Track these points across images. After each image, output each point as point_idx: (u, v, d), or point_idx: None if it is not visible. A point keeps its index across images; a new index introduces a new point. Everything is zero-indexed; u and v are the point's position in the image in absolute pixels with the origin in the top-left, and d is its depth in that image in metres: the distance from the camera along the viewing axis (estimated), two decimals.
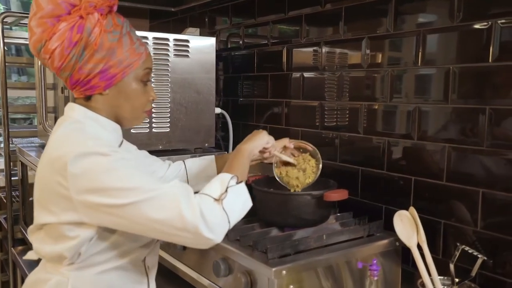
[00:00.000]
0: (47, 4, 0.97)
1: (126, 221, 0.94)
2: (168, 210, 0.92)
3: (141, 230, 0.97)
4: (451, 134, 1.35)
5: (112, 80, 1.02)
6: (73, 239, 0.98)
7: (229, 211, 0.98)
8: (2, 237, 2.65)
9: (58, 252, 1.00)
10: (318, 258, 1.23)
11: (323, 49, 1.76)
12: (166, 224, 0.92)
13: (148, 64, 1.08)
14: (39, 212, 1.02)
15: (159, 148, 1.93)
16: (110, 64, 1.01)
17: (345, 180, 1.65)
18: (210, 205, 0.96)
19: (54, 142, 1.01)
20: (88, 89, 1.03)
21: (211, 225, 0.93)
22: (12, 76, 4.83)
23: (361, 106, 1.62)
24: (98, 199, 0.92)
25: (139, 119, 1.12)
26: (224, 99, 2.33)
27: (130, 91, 1.05)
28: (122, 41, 1.02)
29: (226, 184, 1.01)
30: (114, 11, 1.04)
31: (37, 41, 0.99)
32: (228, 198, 0.99)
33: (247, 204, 1.06)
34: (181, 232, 0.93)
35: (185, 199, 0.93)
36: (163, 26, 2.85)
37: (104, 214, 0.94)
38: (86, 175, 0.93)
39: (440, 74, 1.38)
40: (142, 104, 1.09)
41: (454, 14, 1.33)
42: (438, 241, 1.39)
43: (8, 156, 2.30)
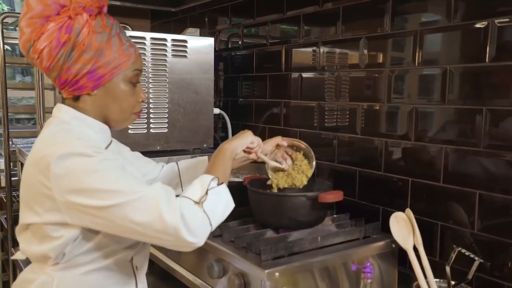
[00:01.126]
0: (36, 5, 0.97)
1: (108, 222, 0.94)
2: (149, 213, 0.91)
3: (123, 232, 0.96)
4: (449, 135, 1.34)
5: (100, 81, 1.02)
6: (57, 239, 0.98)
7: (210, 213, 0.97)
8: (3, 237, 2.66)
9: (43, 252, 1.00)
10: (312, 260, 1.22)
11: (321, 49, 1.75)
12: (147, 227, 0.92)
13: (137, 65, 1.07)
14: (24, 212, 1.02)
15: (157, 149, 1.92)
16: (99, 65, 1.01)
17: (342, 181, 1.65)
18: (191, 208, 0.95)
19: (40, 142, 1.01)
20: (77, 89, 1.03)
21: (192, 228, 0.93)
22: (17, 76, 4.86)
23: (358, 106, 1.61)
24: (80, 200, 0.92)
25: (128, 121, 1.11)
26: (224, 99, 2.33)
27: (118, 92, 1.05)
28: (111, 42, 1.02)
29: (206, 186, 1.00)
30: (104, 12, 1.04)
31: (26, 41, 0.99)
32: (209, 200, 0.98)
33: (229, 206, 1.04)
34: (162, 234, 0.92)
35: (165, 202, 0.93)
36: (164, 26, 2.85)
37: (86, 215, 0.94)
38: (69, 175, 0.92)
39: (437, 74, 1.36)
40: (131, 105, 1.08)
41: (451, 14, 1.31)
42: (435, 243, 1.38)
43: (8, 157, 2.31)
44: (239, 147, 1.20)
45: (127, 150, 1.28)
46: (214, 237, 1.36)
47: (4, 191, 2.45)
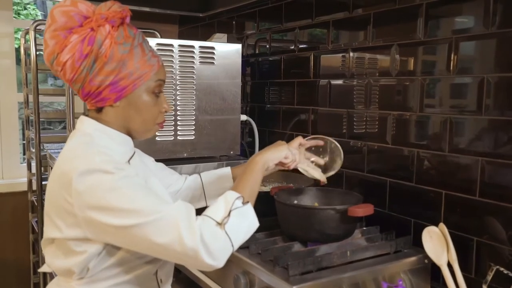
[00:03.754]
0: (60, 17, 0.97)
1: (128, 241, 0.94)
2: (168, 234, 0.90)
3: (143, 251, 0.96)
4: (485, 147, 1.28)
5: (122, 92, 1.01)
6: (81, 254, 0.98)
7: (232, 234, 0.95)
8: (34, 239, 2.71)
9: (67, 266, 1.00)
10: (342, 276, 1.18)
11: (350, 55, 1.71)
12: (167, 248, 0.91)
13: (160, 75, 1.06)
14: (47, 226, 1.02)
15: (184, 156, 1.92)
16: (121, 76, 1.00)
17: (372, 191, 1.60)
18: (212, 229, 0.93)
19: (63, 156, 1.01)
20: (99, 101, 1.02)
21: (212, 251, 0.91)
22: (49, 80, 4.96)
23: (389, 115, 1.56)
24: (100, 217, 0.92)
25: (151, 132, 1.10)
26: (251, 105, 2.31)
27: (140, 103, 1.04)
28: (133, 53, 1.01)
29: (230, 206, 0.98)
30: (127, 23, 1.03)
31: (50, 54, 1.00)
32: (231, 221, 0.96)
33: (252, 226, 1.02)
34: (181, 256, 0.91)
35: (185, 223, 0.91)
36: (191, 32, 2.86)
37: (106, 232, 0.94)
38: (89, 192, 0.92)
39: (474, 84, 1.31)
40: (153, 116, 1.07)
41: (489, 20, 1.25)
42: (470, 259, 1.32)
43: (39, 161, 2.35)
44: (271, 160, 1.17)
45: (151, 161, 1.28)
46: (240, 248, 1.33)
47: (35, 195, 2.50)
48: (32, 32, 2.26)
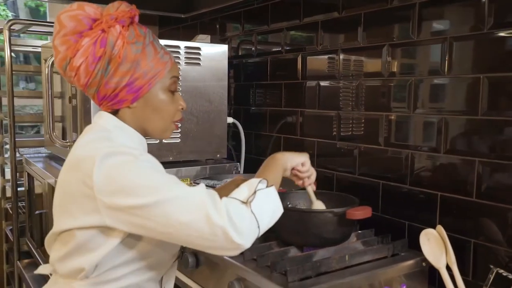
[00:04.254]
0: (69, 22, 0.96)
1: (150, 223, 0.88)
2: (195, 212, 0.87)
3: (165, 234, 0.90)
4: (481, 147, 1.27)
5: (139, 93, 0.99)
6: (93, 249, 0.94)
7: (258, 214, 0.91)
8: (8, 249, 2.59)
9: (76, 263, 0.95)
10: (341, 281, 1.15)
11: (340, 56, 1.69)
12: (192, 227, 0.86)
13: (174, 72, 1.04)
14: (59, 218, 0.98)
15: (169, 160, 1.86)
16: (136, 76, 0.98)
17: (364, 194, 1.57)
18: (238, 208, 0.90)
19: (80, 146, 0.98)
20: (116, 103, 1.00)
21: (240, 229, 0.87)
22: (20, 83, 4.80)
23: (381, 116, 1.55)
24: (122, 198, 0.88)
25: (169, 131, 1.08)
26: (235, 107, 2.26)
27: (158, 102, 1.02)
28: (146, 52, 0.99)
29: (254, 187, 0.95)
30: (136, 22, 1.01)
31: (62, 60, 0.98)
32: (257, 200, 0.92)
33: (278, 210, 0.98)
34: (209, 235, 0.86)
35: (211, 202, 0.88)
36: (172, 33, 2.80)
37: (127, 215, 0.89)
38: (112, 173, 0.89)
39: (469, 84, 1.30)
40: (171, 114, 1.05)
41: (484, 20, 1.25)
42: (468, 261, 1.30)
43: (15, 167, 2.24)
44: (290, 161, 1.14)
45: None
46: None
47: (10, 202, 2.39)
48: (7, 32, 2.16)
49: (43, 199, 1.90)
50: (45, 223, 1.89)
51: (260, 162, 1.14)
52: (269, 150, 2.06)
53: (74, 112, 1.75)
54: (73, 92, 1.75)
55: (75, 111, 1.75)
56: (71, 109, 1.80)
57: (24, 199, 2.29)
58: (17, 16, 5.17)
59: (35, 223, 2.05)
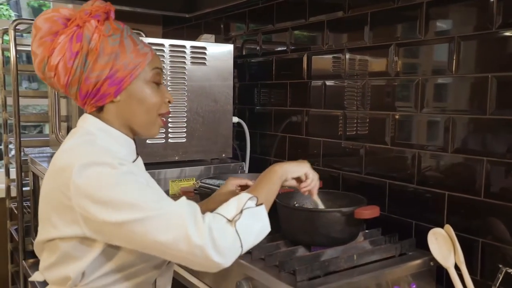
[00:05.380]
0: (43, 24, 0.95)
1: (128, 239, 0.88)
2: (173, 231, 0.85)
3: (144, 249, 0.90)
4: (489, 147, 1.27)
5: (121, 85, 0.98)
6: (78, 258, 0.93)
7: (242, 234, 0.91)
8: (13, 248, 2.59)
9: (62, 273, 0.95)
10: (350, 280, 1.15)
11: (346, 56, 1.69)
12: (171, 247, 0.86)
13: (155, 63, 1.02)
14: (42, 227, 0.97)
15: (175, 159, 1.86)
16: (116, 68, 0.96)
17: (370, 194, 1.57)
18: (222, 226, 0.89)
19: (62, 152, 0.96)
20: (99, 99, 0.98)
21: (220, 248, 0.86)
22: (23, 83, 4.81)
23: (388, 115, 1.55)
24: (99, 212, 0.86)
25: (156, 125, 1.04)
26: (240, 107, 2.26)
27: (141, 93, 1.00)
28: (124, 44, 0.98)
29: (242, 205, 0.94)
30: (112, 17, 1.00)
31: (40, 61, 0.97)
32: (243, 220, 0.92)
33: (264, 229, 0.97)
34: (187, 254, 0.86)
35: (192, 220, 0.87)
36: (176, 33, 2.80)
37: (105, 228, 0.88)
38: (89, 185, 0.87)
39: (476, 84, 1.30)
40: (156, 105, 1.02)
41: (492, 20, 1.25)
42: (475, 261, 1.30)
43: (20, 166, 2.25)
44: (290, 173, 1.11)
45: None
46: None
47: (15, 202, 2.39)
48: (12, 31, 2.17)
49: None
50: None
51: (265, 162, 1.14)
52: (274, 149, 2.06)
53: (80, 112, 1.75)
54: None
55: (81, 110, 1.74)
56: (77, 108, 1.80)
57: (29, 199, 2.29)
58: (20, 16, 5.17)
59: None
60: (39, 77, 1.01)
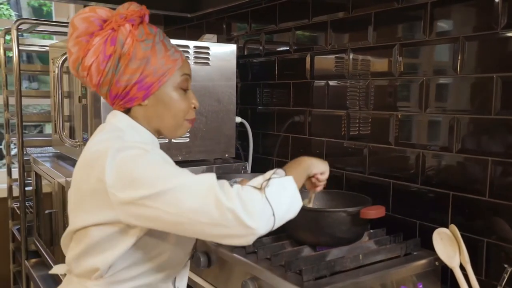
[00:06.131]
0: (81, 23, 0.98)
1: (162, 213, 0.87)
2: (203, 195, 0.86)
3: (176, 224, 0.88)
4: (494, 147, 1.27)
5: (149, 90, 1.00)
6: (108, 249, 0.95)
7: (273, 201, 0.89)
8: (15, 248, 2.59)
9: (91, 262, 0.96)
10: (356, 280, 1.15)
11: (350, 56, 1.69)
12: (202, 213, 0.85)
13: (185, 70, 1.05)
14: (75, 216, 0.99)
15: (178, 159, 1.86)
16: (146, 74, 0.98)
17: (374, 194, 1.57)
18: (250, 191, 0.89)
19: (93, 145, 0.98)
20: (127, 101, 1.01)
21: (250, 210, 0.85)
22: (23, 83, 4.79)
23: (392, 115, 1.55)
24: (133, 192, 0.88)
25: (182, 128, 1.07)
26: (242, 107, 2.26)
27: (168, 99, 1.02)
28: (156, 49, 0.99)
29: (269, 175, 0.94)
30: (146, 21, 1.02)
31: (74, 61, 0.99)
32: (271, 188, 0.90)
33: (295, 201, 0.95)
34: (219, 220, 0.85)
35: (219, 185, 0.88)
36: (178, 33, 2.80)
37: (139, 208, 0.88)
38: (123, 167, 0.90)
39: (481, 84, 1.30)
40: (183, 111, 1.04)
41: (497, 20, 1.25)
42: (480, 261, 1.31)
43: (22, 166, 2.25)
44: (315, 167, 1.13)
45: None
46: (247, 253, 1.30)
47: (17, 201, 2.39)
48: (14, 31, 2.16)
49: (53, 199, 1.90)
50: (54, 222, 1.90)
51: (267, 162, 1.14)
52: (276, 149, 2.06)
53: (84, 112, 1.75)
54: (83, 91, 1.75)
55: (85, 110, 1.75)
56: (80, 109, 1.80)
57: (32, 199, 2.29)
58: (20, 16, 5.17)
59: (44, 223, 2.05)
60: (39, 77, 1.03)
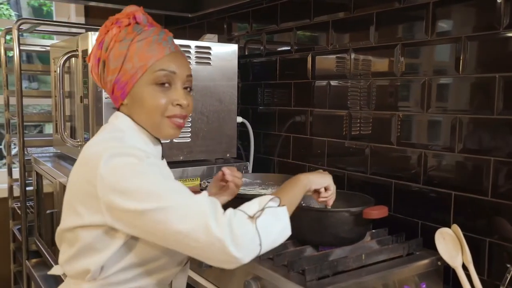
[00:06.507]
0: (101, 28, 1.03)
1: (148, 228, 0.88)
2: (193, 220, 0.85)
3: (163, 241, 0.90)
4: (497, 147, 1.27)
5: (125, 89, 1.00)
6: (98, 250, 0.94)
7: (262, 233, 0.90)
8: (16, 248, 2.59)
9: (83, 265, 0.96)
10: (359, 280, 1.15)
11: (351, 56, 1.70)
12: (190, 236, 0.85)
13: (162, 65, 0.98)
14: (66, 215, 0.99)
15: (180, 159, 1.86)
16: (122, 72, 0.99)
17: (376, 193, 1.58)
18: (242, 221, 0.89)
19: (91, 145, 0.98)
20: (114, 101, 1.05)
21: (239, 242, 0.85)
22: (23, 82, 4.77)
23: (394, 115, 1.55)
24: (121, 200, 0.87)
25: (164, 127, 1.00)
26: (242, 107, 2.26)
27: (141, 96, 0.99)
28: (135, 47, 0.98)
29: (264, 204, 0.93)
30: (139, 21, 1.01)
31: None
32: (264, 218, 0.91)
33: (285, 231, 0.96)
34: (205, 246, 0.85)
35: (213, 211, 0.87)
36: (178, 33, 2.79)
37: (128, 217, 0.89)
38: (114, 174, 0.89)
39: (483, 84, 1.30)
40: (157, 108, 0.98)
41: (499, 20, 1.25)
42: (483, 261, 1.31)
43: (23, 166, 2.24)
44: (314, 184, 1.11)
45: None
46: None
47: (18, 201, 2.39)
48: (15, 31, 2.16)
49: (54, 198, 1.90)
50: (55, 222, 1.89)
51: (269, 162, 1.13)
52: (277, 149, 2.06)
53: (85, 112, 1.75)
54: (85, 91, 1.75)
55: (86, 110, 1.74)
56: (82, 109, 1.79)
57: (33, 198, 2.29)
58: (20, 15, 5.16)
59: (45, 223, 2.05)
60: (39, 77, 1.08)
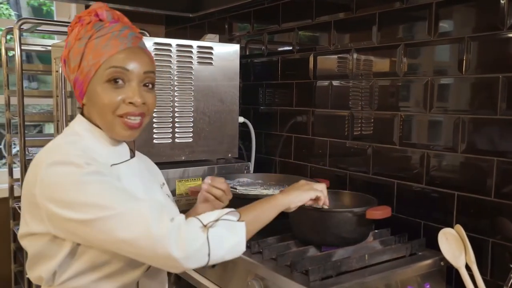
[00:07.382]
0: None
1: (90, 237, 0.87)
2: (135, 228, 0.84)
3: (108, 248, 0.89)
4: (500, 147, 1.27)
5: (82, 88, 0.98)
6: (48, 257, 0.93)
7: (213, 243, 0.87)
8: (16, 248, 2.58)
9: (37, 272, 0.95)
10: (363, 280, 1.15)
11: (354, 56, 1.69)
12: (133, 245, 0.84)
13: (114, 62, 0.94)
14: (20, 223, 0.98)
15: (181, 159, 1.86)
16: (80, 71, 0.97)
17: (378, 194, 1.57)
18: (193, 228, 0.87)
19: (44, 150, 0.96)
20: (78, 101, 1.02)
21: (184, 247, 0.84)
22: (24, 82, 4.76)
23: (396, 115, 1.55)
24: (60, 211, 0.86)
25: (116, 126, 0.96)
26: (244, 107, 2.26)
27: (93, 95, 0.96)
28: (92, 44, 0.95)
29: (221, 215, 0.91)
30: (103, 17, 0.98)
31: None
32: (217, 229, 0.88)
33: (238, 247, 0.92)
34: (149, 253, 0.84)
35: (154, 215, 0.85)
36: (179, 33, 2.79)
37: (67, 227, 0.88)
38: (53, 184, 0.87)
39: (486, 84, 1.30)
40: (107, 105, 0.94)
41: (503, 20, 1.25)
42: (486, 261, 1.31)
43: (24, 166, 2.24)
44: (293, 203, 1.05)
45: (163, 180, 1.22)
46: (252, 253, 1.30)
47: (18, 201, 2.38)
48: (17, 31, 2.16)
49: None
50: None
51: (270, 162, 1.13)
52: (279, 149, 2.06)
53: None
54: None
55: None
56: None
57: None
58: (20, 15, 5.14)
59: None
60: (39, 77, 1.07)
